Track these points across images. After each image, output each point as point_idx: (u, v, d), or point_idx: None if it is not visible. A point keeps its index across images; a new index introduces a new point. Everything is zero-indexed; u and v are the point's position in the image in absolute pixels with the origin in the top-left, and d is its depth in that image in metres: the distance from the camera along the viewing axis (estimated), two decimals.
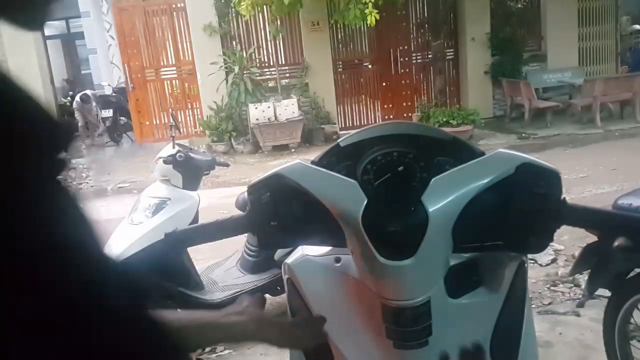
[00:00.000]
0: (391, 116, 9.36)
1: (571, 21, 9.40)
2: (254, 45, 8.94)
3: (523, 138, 7.89)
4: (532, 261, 3.43)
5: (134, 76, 9.30)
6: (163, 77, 9.44)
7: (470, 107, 8.46)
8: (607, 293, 2.10)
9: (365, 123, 9.04)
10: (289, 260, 0.97)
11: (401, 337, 0.80)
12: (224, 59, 8.56)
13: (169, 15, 9.15)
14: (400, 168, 0.80)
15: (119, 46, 9.61)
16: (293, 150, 8.16)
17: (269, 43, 9.01)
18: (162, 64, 9.39)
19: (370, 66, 9.52)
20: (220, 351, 2.77)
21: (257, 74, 8.71)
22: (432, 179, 0.78)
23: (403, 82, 9.54)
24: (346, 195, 0.79)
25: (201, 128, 8.76)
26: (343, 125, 9.13)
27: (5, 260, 0.27)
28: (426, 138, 0.88)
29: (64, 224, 0.31)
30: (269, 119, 8.18)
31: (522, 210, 0.79)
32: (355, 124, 9.26)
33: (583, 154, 6.65)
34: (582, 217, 0.86)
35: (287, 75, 9.05)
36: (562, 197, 0.81)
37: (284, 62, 9.07)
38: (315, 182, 0.82)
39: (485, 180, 0.79)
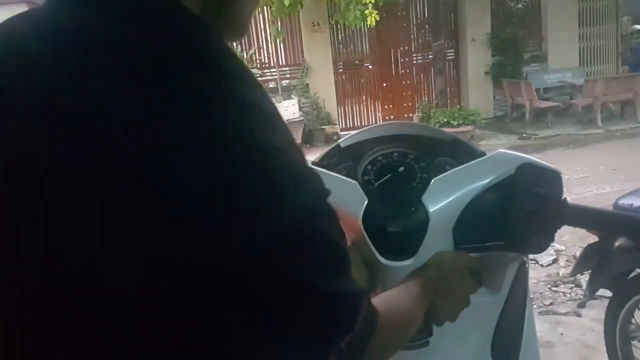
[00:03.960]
0: (392, 117, 9.36)
1: (572, 21, 9.40)
2: (254, 46, 8.94)
3: (524, 138, 7.89)
4: (533, 261, 3.43)
5: None
6: None
7: (471, 108, 8.46)
8: (608, 293, 2.10)
9: (366, 123, 9.04)
10: None
11: None
12: None
13: None
14: (401, 168, 0.80)
15: None
16: None
17: (269, 44, 9.01)
18: None
19: (370, 67, 9.51)
20: None
21: (258, 75, 8.71)
22: (433, 179, 0.78)
23: (404, 82, 9.53)
24: (347, 196, 0.79)
25: None
26: (344, 126, 9.13)
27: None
28: (426, 138, 0.88)
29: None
30: None
31: (522, 210, 0.79)
32: (356, 125, 9.26)
33: (584, 154, 6.64)
34: (583, 217, 0.86)
35: (288, 76, 9.05)
36: (563, 197, 0.81)
37: (284, 63, 9.08)
38: None
39: (486, 181, 0.79)
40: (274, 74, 8.85)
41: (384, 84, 9.47)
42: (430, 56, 9.23)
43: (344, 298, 0.43)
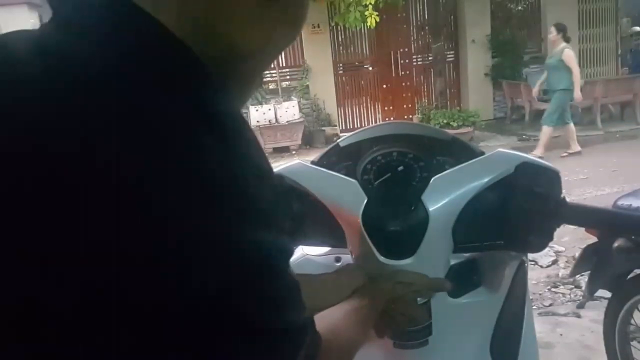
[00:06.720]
0: (392, 118, 9.35)
1: (571, 23, 9.39)
2: None
3: (524, 140, 7.88)
4: (533, 262, 3.43)
5: None
6: None
7: (471, 109, 8.46)
8: (608, 294, 2.10)
9: (366, 125, 9.03)
10: None
11: (401, 337, 0.80)
12: None
13: None
14: (400, 168, 0.80)
15: None
16: (294, 152, 8.17)
17: None
18: None
19: (370, 68, 9.52)
20: None
21: None
22: (432, 178, 0.78)
23: (403, 84, 9.54)
24: (346, 195, 0.79)
25: None
26: (344, 127, 9.13)
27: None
28: (426, 138, 0.88)
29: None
30: (269, 120, 8.20)
31: (522, 209, 0.79)
32: (356, 126, 9.25)
33: (583, 155, 6.64)
34: (582, 216, 0.86)
35: (288, 77, 9.06)
36: (562, 196, 0.82)
37: (284, 65, 9.08)
38: (315, 181, 0.82)
39: (485, 180, 0.79)
40: (274, 75, 8.85)
41: (384, 86, 9.47)
42: (430, 58, 9.24)
43: (290, 333, 0.42)
